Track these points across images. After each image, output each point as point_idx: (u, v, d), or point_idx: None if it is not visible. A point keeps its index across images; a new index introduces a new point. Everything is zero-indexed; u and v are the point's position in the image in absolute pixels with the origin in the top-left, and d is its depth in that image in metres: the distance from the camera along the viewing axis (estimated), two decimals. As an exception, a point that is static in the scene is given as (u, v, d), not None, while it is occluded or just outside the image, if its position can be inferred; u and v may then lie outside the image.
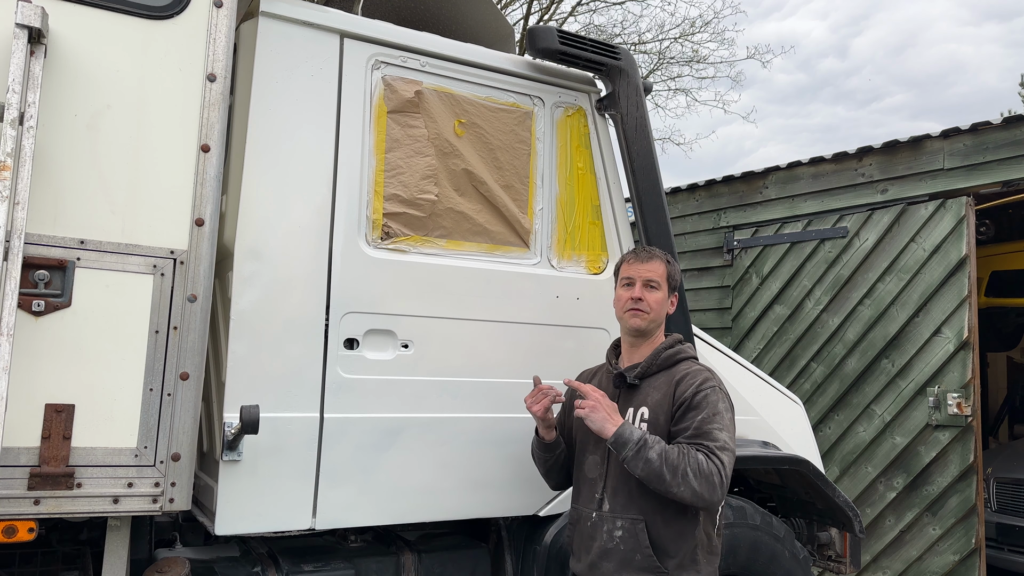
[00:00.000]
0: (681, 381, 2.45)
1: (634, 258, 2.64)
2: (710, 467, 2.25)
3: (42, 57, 2.16)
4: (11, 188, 2.03)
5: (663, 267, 2.60)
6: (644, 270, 2.59)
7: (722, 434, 2.33)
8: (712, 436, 2.32)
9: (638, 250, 2.68)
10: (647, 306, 2.55)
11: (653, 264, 2.60)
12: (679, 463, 2.26)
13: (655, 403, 2.46)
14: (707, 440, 2.31)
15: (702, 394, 2.39)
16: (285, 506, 2.58)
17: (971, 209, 5.43)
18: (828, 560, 3.77)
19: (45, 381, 2.17)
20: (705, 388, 2.40)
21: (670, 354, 2.54)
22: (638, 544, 2.36)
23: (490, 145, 3.04)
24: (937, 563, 5.41)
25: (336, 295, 2.70)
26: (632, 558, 2.37)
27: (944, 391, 5.38)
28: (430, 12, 3.51)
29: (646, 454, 2.28)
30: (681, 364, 2.53)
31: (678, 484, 2.25)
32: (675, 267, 2.66)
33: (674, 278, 2.64)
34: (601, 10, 16.32)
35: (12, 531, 2.14)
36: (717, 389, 2.42)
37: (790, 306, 6.35)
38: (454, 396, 2.88)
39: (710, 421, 2.34)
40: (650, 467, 2.27)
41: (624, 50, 3.27)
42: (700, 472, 2.24)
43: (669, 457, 2.27)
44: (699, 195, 7.23)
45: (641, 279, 2.57)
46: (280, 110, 2.67)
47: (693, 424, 2.35)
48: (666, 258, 2.65)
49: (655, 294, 2.56)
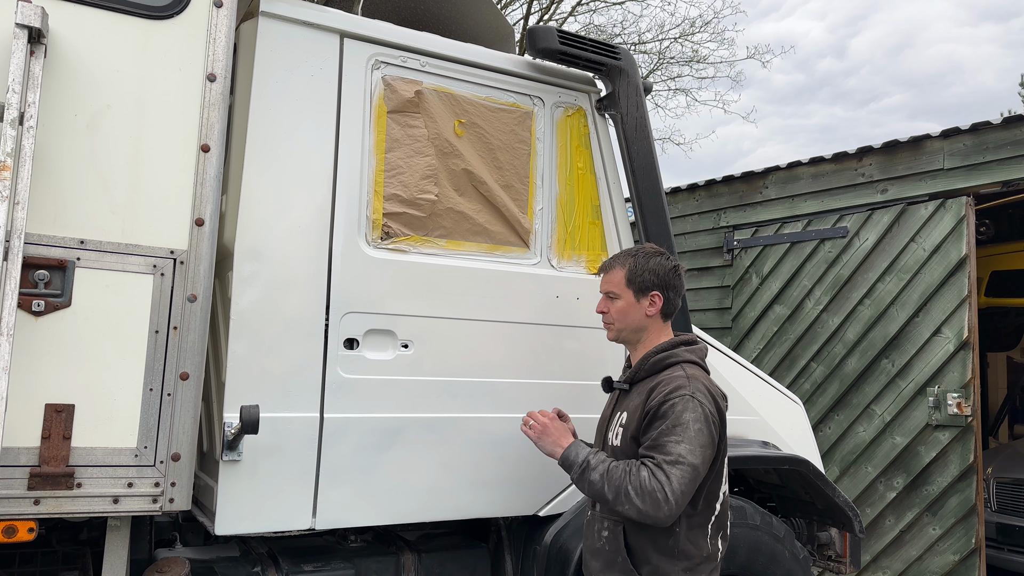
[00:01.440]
0: (655, 389, 2.36)
1: (600, 270, 2.64)
2: (653, 484, 2.18)
3: (42, 57, 2.16)
4: (11, 188, 2.03)
5: (621, 273, 2.53)
6: (604, 282, 2.59)
7: (678, 447, 2.22)
8: (665, 450, 2.23)
9: (604, 261, 2.65)
10: (610, 317, 2.56)
11: (610, 274, 2.57)
12: (621, 483, 2.23)
13: (632, 409, 2.42)
14: (659, 453, 2.23)
15: (668, 404, 2.28)
16: (285, 506, 2.58)
17: (971, 209, 5.43)
18: (828, 560, 3.77)
19: (45, 381, 2.17)
20: (673, 397, 2.29)
21: (659, 359, 2.45)
22: (618, 546, 2.37)
23: (490, 145, 3.04)
24: (937, 563, 5.41)
25: (336, 295, 2.70)
26: (615, 559, 2.37)
27: (944, 391, 5.38)
28: (430, 12, 3.51)
29: (589, 476, 2.32)
30: (667, 370, 2.42)
31: (621, 503, 2.24)
32: (641, 265, 2.50)
33: (640, 277, 2.49)
34: (601, 10, 16.34)
35: (12, 531, 2.14)
36: (688, 398, 2.28)
37: (790, 306, 6.35)
38: (454, 396, 2.88)
39: (668, 433, 2.25)
40: (593, 488, 2.31)
41: (624, 50, 3.27)
42: (642, 490, 2.19)
43: (612, 477, 2.26)
44: (699, 195, 7.23)
45: (602, 291, 2.59)
46: (280, 110, 2.67)
47: (652, 436, 2.29)
48: (629, 260, 2.53)
49: (616, 303, 2.53)
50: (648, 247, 2.61)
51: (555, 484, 3.03)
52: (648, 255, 2.55)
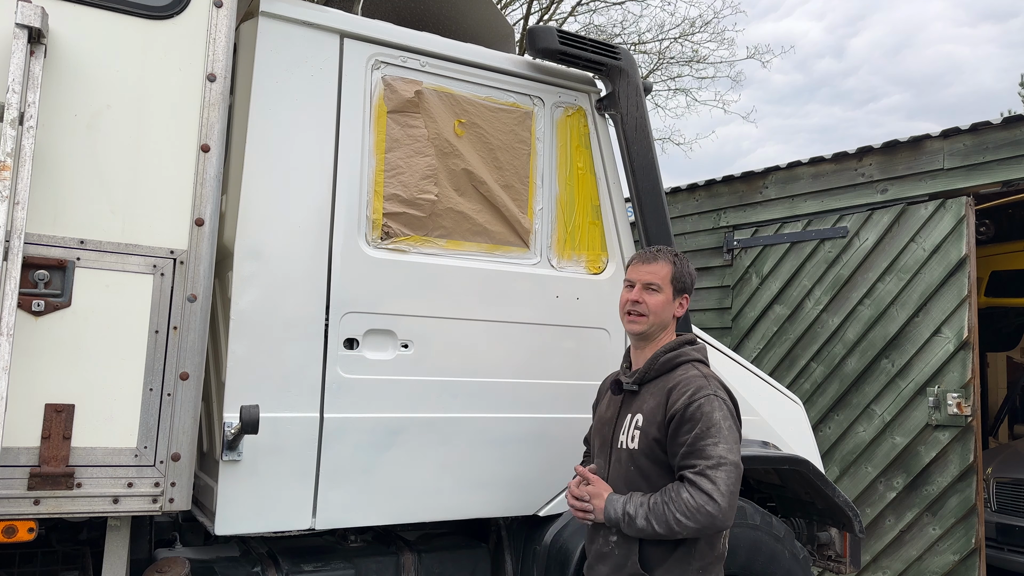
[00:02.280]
0: (674, 390, 2.34)
1: (638, 259, 2.56)
2: (699, 499, 2.18)
3: (42, 57, 2.16)
4: (11, 188, 2.03)
5: (668, 268, 2.50)
6: (645, 272, 2.51)
7: (717, 449, 2.22)
8: (705, 454, 2.22)
9: (645, 251, 2.59)
10: (645, 308, 2.46)
11: (656, 266, 2.51)
12: (666, 515, 2.21)
13: (649, 411, 2.39)
14: (700, 459, 2.22)
15: (695, 405, 2.27)
16: (285, 506, 2.58)
17: (971, 209, 5.43)
18: (828, 560, 3.77)
19: (45, 381, 2.17)
20: (698, 398, 2.28)
21: (669, 358, 2.44)
22: (630, 551, 2.35)
23: (490, 145, 3.04)
24: (937, 563, 5.41)
25: (336, 295, 2.70)
26: (623, 564, 2.36)
27: (944, 391, 5.37)
28: (430, 12, 3.51)
29: (636, 525, 2.26)
30: (678, 369, 2.41)
31: (675, 532, 2.22)
32: (684, 267, 2.53)
33: (682, 279, 2.51)
34: (601, 10, 16.34)
35: (12, 531, 2.14)
36: (712, 397, 2.30)
37: (790, 306, 6.35)
38: (454, 396, 2.88)
39: (704, 437, 2.24)
40: (645, 533, 2.27)
41: (624, 50, 3.27)
42: (689, 510, 2.18)
43: (656, 514, 2.23)
44: (699, 195, 7.23)
45: (641, 281, 2.50)
46: (280, 110, 2.67)
47: (688, 441, 2.26)
48: (673, 259, 2.53)
49: (656, 297, 2.47)
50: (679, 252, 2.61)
51: (555, 484, 3.03)
52: (685, 259, 2.57)
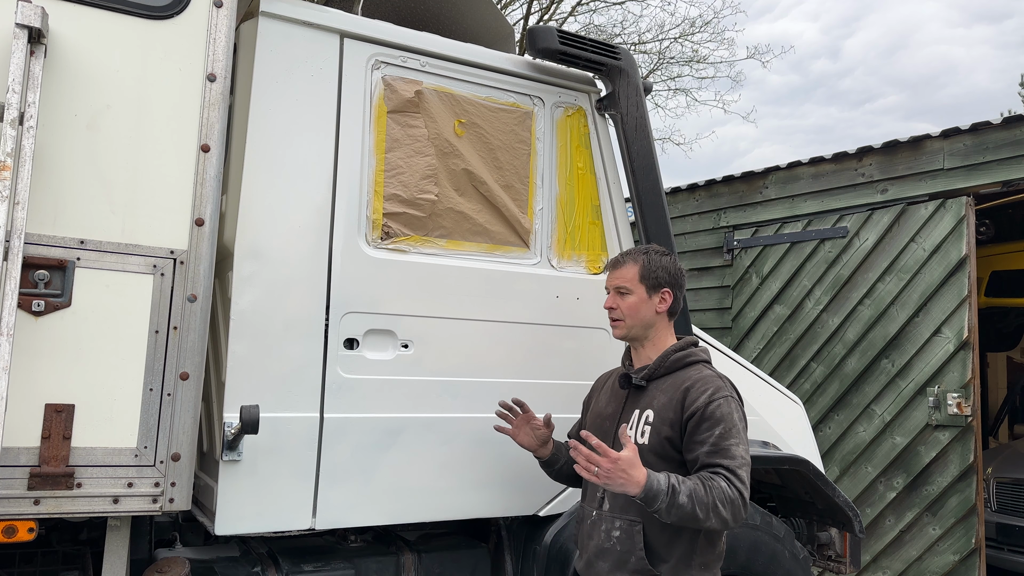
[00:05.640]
0: (691, 388, 2.36)
1: (609, 266, 2.61)
2: (733, 492, 2.19)
3: (42, 57, 2.16)
4: (11, 188, 2.03)
5: (634, 268, 2.52)
6: (615, 277, 2.55)
7: (739, 449, 2.27)
8: (731, 454, 2.25)
9: (615, 257, 2.62)
10: (620, 313, 2.51)
11: (623, 269, 2.54)
12: (707, 499, 2.17)
13: (660, 406, 2.40)
14: (726, 458, 2.24)
15: (715, 404, 2.30)
16: (285, 506, 2.58)
17: (971, 209, 5.43)
18: (828, 560, 3.77)
19: (45, 381, 2.17)
20: (718, 398, 2.31)
21: (679, 357, 2.47)
22: (633, 546, 2.35)
23: (490, 145, 3.04)
24: (937, 563, 5.41)
25: (336, 295, 2.70)
26: (627, 559, 2.36)
27: (944, 391, 5.38)
28: (430, 12, 3.51)
29: (677, 500, 2.16)
30: (690, 369, 2.44)
31: (709, 519, 2.19)
32: (655, 262, 2.52)
33: (653, 274, 2.50)
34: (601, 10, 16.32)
35: (12, 531, 2.14)
36: (730, 399, 2.34)
37: (790, 306, 6.35)
38: (454, 396, 2.88)
39: (727, 436, 2.26)
40: (683, 511, 2.17)
41: (624, 50, 3.27)
42: (726, 500, 2.18)
43: (697, 495, 2.18)
44: (699, 195, 7.23)
45: (612, 287, 2.55)
46: (280, 110, 2.67)
47: (711, 440, 2.27)
48: (642, 257, 2.54)
49: (627, 299, 2.50)
50: (654, 247, 2.62)
51: (555, 484, 3.02)
52: (659, 253, 2.57)
